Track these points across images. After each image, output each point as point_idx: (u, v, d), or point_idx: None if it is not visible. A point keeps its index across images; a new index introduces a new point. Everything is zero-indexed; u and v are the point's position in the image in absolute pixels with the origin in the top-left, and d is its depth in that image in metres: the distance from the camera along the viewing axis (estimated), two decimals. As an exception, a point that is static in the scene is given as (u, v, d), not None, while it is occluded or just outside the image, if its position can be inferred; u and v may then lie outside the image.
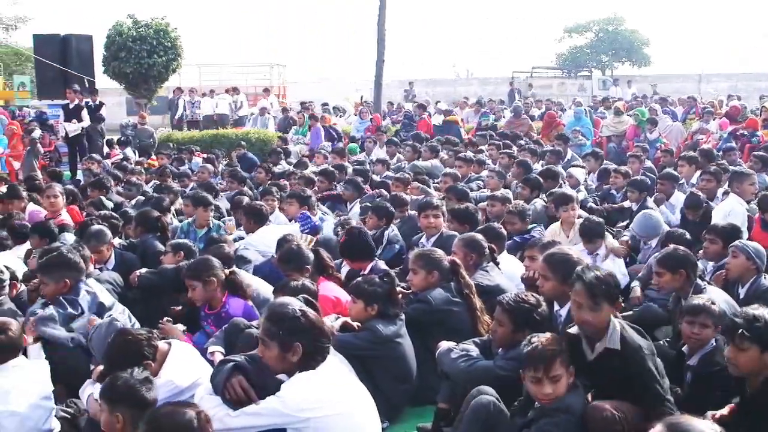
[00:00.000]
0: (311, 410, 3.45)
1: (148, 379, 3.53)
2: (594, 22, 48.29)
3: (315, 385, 3.52)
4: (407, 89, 31.30)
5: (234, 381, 3.62)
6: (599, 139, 16.60)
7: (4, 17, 44.67)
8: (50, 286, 5.24)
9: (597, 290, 3.80)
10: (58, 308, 5.11)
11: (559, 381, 3.64)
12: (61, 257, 5.32)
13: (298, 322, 3.57)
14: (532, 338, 3.76)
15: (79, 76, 19.18)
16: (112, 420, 3.40)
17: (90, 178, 11.50)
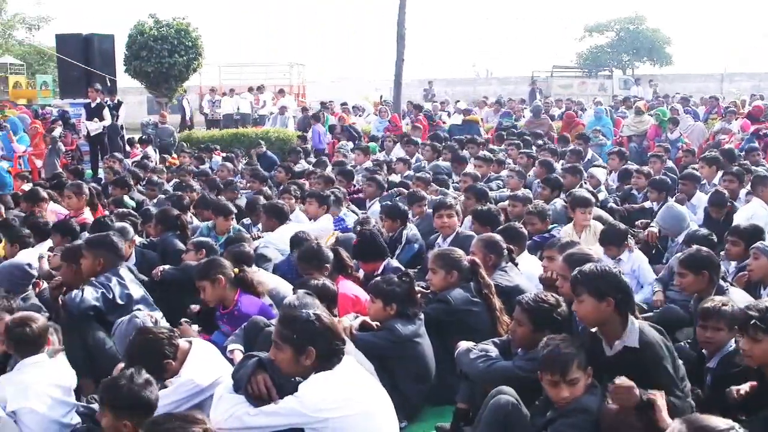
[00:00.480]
0: (329, 410, 3.45)
1: (149, 381, 3.53)
2: (615, 21, 47.97)
3: (332, 386, 3.52)
4: (427, 88, 31.28)
5: (258, 378, 3.63)
6: (620, 139, 16.50)
7: (27, 17, 45.12)
8: (87, 260, 5.40)
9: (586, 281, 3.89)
10: (91, 288, 5.20)
11: (577, 384, 3.64)
12: (106, 237, 5.53)
13: (311, 326, 3.55)
14: (549, 340, 3.76)
15: (101, 76, 19.32)
16: (118, 427, 3.40)
17: (111, 177, 11.57)
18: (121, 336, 4.62)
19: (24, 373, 4.18)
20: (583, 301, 3.88)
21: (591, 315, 3.88)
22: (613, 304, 3.81)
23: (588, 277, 3.88)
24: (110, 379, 3.61)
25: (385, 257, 6.29)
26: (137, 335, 4.07)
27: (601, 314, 3.84)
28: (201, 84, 27.62)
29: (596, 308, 3.83)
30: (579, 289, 3.90)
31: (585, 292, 3.86)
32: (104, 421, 3.46)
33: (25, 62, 36.53)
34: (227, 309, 5.23)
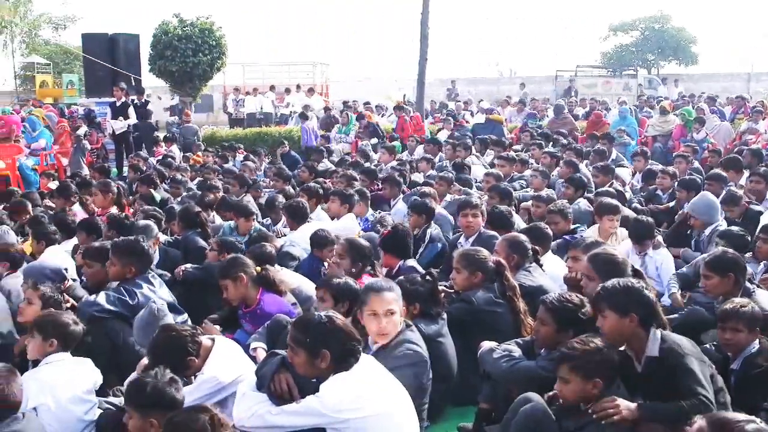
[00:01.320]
0: (350, 411, 3.47)
1: (174, 379, 3.56)
2: (640, 20, 47.56)
3: (351, 386, 3.52)
4: (450, 88, 31.24)
5: (281, 377, 3.64)
6: (644, 139, 16.37)
7: (53, 17, 45.64)
8: (116, 267, 5.39)
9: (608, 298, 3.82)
10: (111, 293, 5.21)
11: (568, 383, 3.63)
12: (135, 243, 5.48)
13: (323, 328, 3.57)
14: (577, 339, 3.73)
15: (126, 75, 19.51)
16: (145, 426, 3.42)
17: (135, 175, 11.66)
18: (139, 325, 4.63)
19: (47, 371, 4.24)
20: (606, 317, 3.82)
21: (614, 331, 3.80)
22: (636, 320, 3.76)
23: (610, 293, 3.83)
24: (135, 380, 3.65)
25: (406, 258, 6.30)
26: (161, 332, 4.09)
27: (625, 330, 3.78)
28: (225, 83, 27.74)
29: (619, 324, 3.78)
30: (601, 305, 3.85)
31: (607, 307, 3.81)
32: (131, 423, 3.48)
33: (52, 61, 36.95)
34: (250, 308, 5.25)
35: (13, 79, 41.21)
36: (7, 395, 3.48)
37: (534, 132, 15.75)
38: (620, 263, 4.57)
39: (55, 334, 4.36)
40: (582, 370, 3.60)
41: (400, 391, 3.80)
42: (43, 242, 7.04)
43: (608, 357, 3.65)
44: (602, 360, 3.63)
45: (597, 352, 3.64)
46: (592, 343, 3.67)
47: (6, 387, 3.48)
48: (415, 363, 4.07)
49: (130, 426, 3.51)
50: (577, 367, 3.61)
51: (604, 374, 3.63)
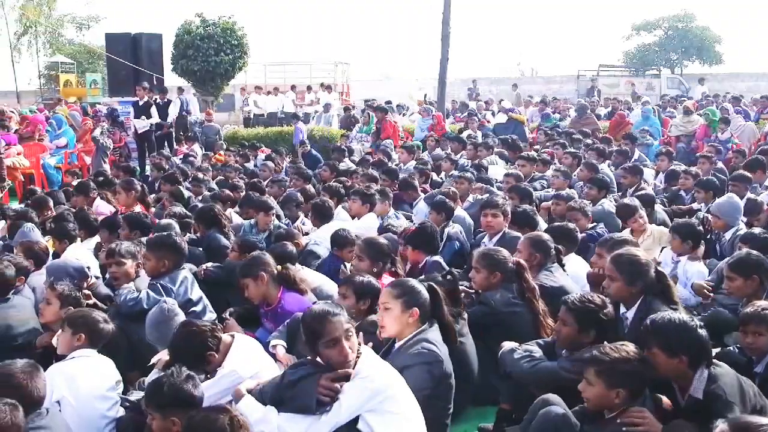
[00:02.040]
0: (389, 386, 3.58)
1: (191, 376, 3.57)
2: (663, 19, 47.17)
3: (382, 365, 3.66)
4: (471, 87, 31.16)
5: (322, 383, 3.61)
6: (668, 139, 16.24)
7: (77, 17, 46.07)
8: (151, 262, 5.47)
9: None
10: (151, 293, 5.28)
11: (592, 386, 3.58)
12: (168, 238, 5.58)
13: None
14: (611, 345, 3.67)
15: (149, 74, 19.64)
16: (166, 425, 3.44)
17: (158, 174, 11.73)
18: (151, 323, 4.66)
19: (72, 365, 4.29)
20: (653, 354, 3.63)
21: (661, 368, 3.64)
22: (686, 361, 3.58)
23: (660, 330, 3.65)
24: (153, 380, 3.67)
25: (434, 254, 6.30)
26: (181, 328, 4.12)
27: (673, 370, 3.63)
28: (246, 82, 27.85)
29: (667, 363, 3.61)
30: (650, 341, 3.65)
31: (656, 345, 3.62)
32: (154, 424, 3.50)
33: (76, 61, 37.22)
34: (270, 306, 5.27)
35: (37, 78, 41.69)
36: (31, 391, 3.50)
37: (547, 131, 15.69)
38: (643, 264, 4.52)
39: (84, 329, 4.43)
40: (607, 377, 3.53)
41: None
42: (66, 240, 7.10)
43: (637, 370, 3.54)
44: (630, 372, 3.53)
45: (626, 362, 3.54)
46: (625, 352, 3.58)
47: (29, 383, 3.51)
48: (429, 362, 4.04)
49: (153, 427, 3.53)
50: (603, 373, 3.54)
51: (629, 386, 3.53)
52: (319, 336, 3.60)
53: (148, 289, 5.36)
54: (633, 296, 4.48)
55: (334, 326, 3.58)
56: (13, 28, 42.68)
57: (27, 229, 7.26)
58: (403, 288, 4.21)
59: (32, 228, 7.34)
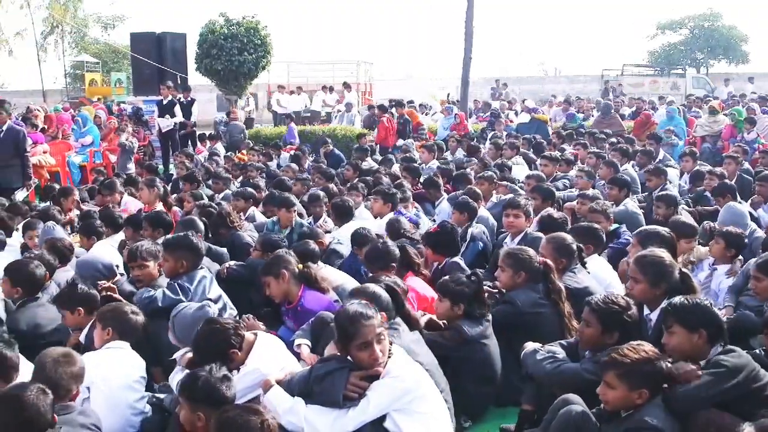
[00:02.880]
0: (419, 386, 3.61)
1: (226, 376, 3.60)
2: (689, 18, 46.74)
3: (411, 365, 3.66)
4: (494, 87, 31.06)
5: (352, 380, 3.65)
6: (693, 139, 16.10)
7: (103, 16, 46.52)
8: (169, 263, 5.49)
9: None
10: (167, 292, 5.32)
11: (613, 389, 3.56)
12: (185, 239, 5.57)
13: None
14: (628, 346, 3.66)
15: (173, 73, 19.75)
16: (193, 418, 3.48)
17: (183, 173, 11.81)
18: (188, 322, 4.68)
19: (102, 354, 4.38)
20: (674, 332, 3.79)
21: (681, 346, 3.76)
22: (705, 336, 3.73)
23: (679, 309, 3.80)
24: (190, 373, 3.71)
25: (454, 254, 6.29)
26: (204, 326, 4.15)
27: (693, 346, 3.75)
28: (269, 81, 27.95)
29: (688, 339, 3.75)
30: (670, 320, 3.82)
31: (676, 323, 3.78)
32: (182, 414, 3.55)
33: (101, 60, 37.60)
34: (291, 305, 5.28)
35: (63, 77, 42.12)
36: (56, 381, 3.60)
37: (560, 132, 15.61)
38: (668, 265, 4.49)
39: (111, 323, 4.52)
40: (629, 379, 3.53)
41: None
42: (93, 237, 7.18)
43: (657, 368, 3.57)
44: (651, 371, 3.55)
45: (647, 362, 3.56)
46: (644, 352, 3.59)
47: (53, 373, 3.63)
48: None
49: (180, 416, 3.59)
50: (625, 375, 3.54)
51: (651, 385, 3.55)
52: (352, 338, 3.64)
53: (165, 288, 5.39)
54: (657, 298, 4.45)
55: (367, 330, 3.62)
56: (39, 28, 43.21)
57: (49, 227, 7.33)
58: (365, 296, 4.22)
59: (53, 226, 7.41)
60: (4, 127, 10.56)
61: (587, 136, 14.98)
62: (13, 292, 5.38)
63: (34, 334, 5.07)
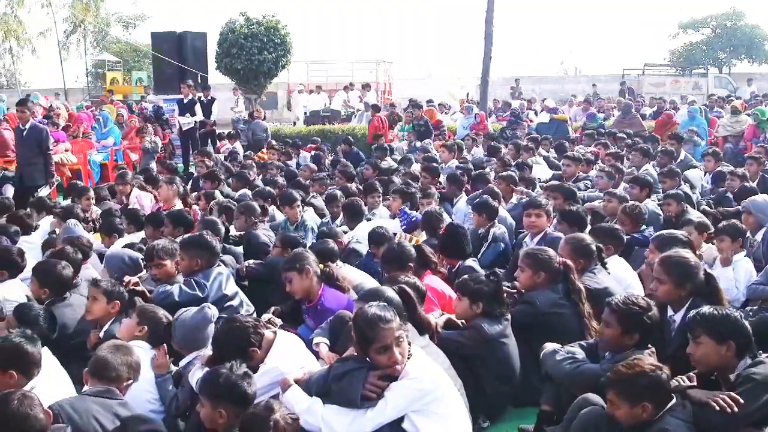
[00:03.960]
0: (436, 386, 3.60)
1: (247, 374, 3.61)
2: (711, 17, 46.31)
3: (431, 365, 3.65)
4: (513, 86, 30.95)
5: (370, 380, 3.65)
6: (714, 140, 15.96)
7: (124, 15, 46.92)
8: (185, 261, 5.56)
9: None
10: (184, 287, 5.37)
11: (619, 408, 3.51)
12: (200, 238, 5.64)
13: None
14: (623, 363, 3.63)
15: (193, 72, 19.86)
16: (214, 415, 3.49)
17: (204, 171, 11.85)
18: (188, 323, 4.69)
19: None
20: (701, 343, 3.68)
21: (708, 357, 3.67)
22: (733, 348, 3.63)
23: (708, 319, 3.69)
24: (210, 371, 3.73)
25: (464, 258, 6.26)
26: (224, 324, 4.17)
27: (720, 358, 3.66)
28: (289, 81, 28.01)
29: (715, 351, 3.65)
30: (698, 331, 3.71)
31: (704, 333, 3.67)
32: (203, 411, 3.57)
33: (122, 59, 37.87)
34: (312, 303, 5.29)
35: (85, 76, 42.49)
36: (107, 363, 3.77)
37: (598, 131, 15.50)
38: (692, 266, 4.46)
39: (148, 323, 4.59)
40: (628, 396, 3.49)
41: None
42: (114, 235, 7.22)
43: (655, 379, 3.49)
44: (649, 383, 3.48)
45: (642, 376, 3.49)
46: (638, 366, 3.53)
47: (109, 356, 3.80)
48: None
49: (201, 414, 3.60)
50: (623, 393, 3.50)
51: (653, 397, 3.48)
52: (371, 342, 3.63)
53: (181, 284, 5.44)
54: (681, 299, 4.43)
55: (386, 333, 3.60)
56: (62, 27, 43.63)
57: (72, 225, 7.39)
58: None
59: (75, 224, 7.47)
60: (28, 125, 10.66)
61: (608, 136, 14.88)
62: (41, 292, 5.42)
63: (62, 333, 5.09)
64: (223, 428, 3.49)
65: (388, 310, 3.71)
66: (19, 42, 44.99)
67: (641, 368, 3.51)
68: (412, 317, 4.35)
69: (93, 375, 3.80)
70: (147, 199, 9.85)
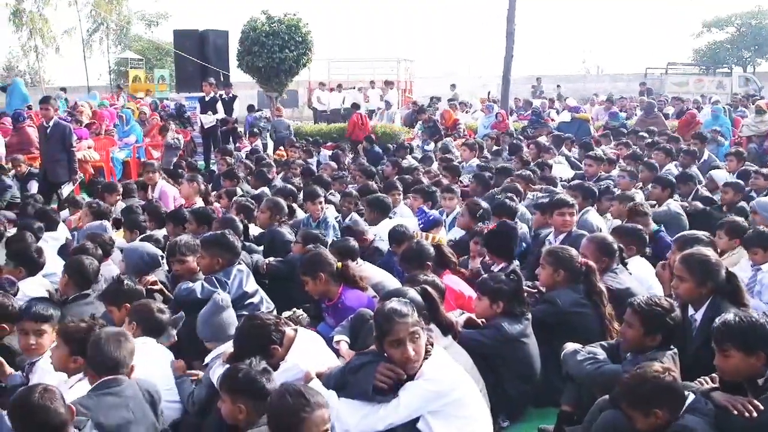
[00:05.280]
0: (453, 389, 3.57)
1: (266, 369, 3.62)
2: (736, 16, 45.92)
3: (449, 366, 3.64)
4: (535, 85, 30.81)
5: (381, 369, 3.65)
6: (738, 140, 15.79)
7: (147, 14, 47.29)
8: (205, 260, 5.58)
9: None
10: (206, 284, 5.39)
11: (634, 420, 3.47)
12: (222, 237, 5.64)
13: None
14: (631, 373, 3.59)
15: (215, 70, 19.92)
16: (234, 410, 3.51)
17: (225, 169, 11.91)
18: (204, 318, 4.72)
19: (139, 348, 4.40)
20: (729, 356, 3.52)
21: (738, 369, 3.53)
22: (763, 358, 3.48)
23: (735, 331, 3.52)
24: (230, 367, 3.76)
25: (511, 260, 6.12)
26: (245, 321, 4.18)
27: (751, 370, 3.52)
28: (310, 78, 28.04)
29: (745, 363, 3.50)
30: (725, 344, 3.53)
31: (733, 347, 3.51)
32: (224, 406, 3.59)
33: (144, 57, 38.09)
34: (332, 301, 5.30)
35: (107, 73, 42.84)
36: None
37: (620, 131, 15.40)
38: (714, 264, 4.42)
39: (135, 318, 4.60)
40: (637, 405, 3.46)
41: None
42: (136, 231, 7.27)
43: (659, 384, 3.43)
44: (653, 389, 3.43)
45: (644, 383, 3.45)
46: (640, 375, 3.49)
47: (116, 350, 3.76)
48: None
49: (222, 410, 3.63)
50: (633, 404, 3.47)
51: (662, 403, 3.43)
52: (386, 334, 3.63)
53: (203, 281, 5.46)
54: (702, 297, 4.40)
55: (400, 327, 3.60)
56: (85, 25, 44.03)
57: (99, 225, 7.45)
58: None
59: (107, 225, 7.54)
60: (51, 122, 10.76)
61: (631, 135, 14.78)
62: (67, 288, 5.45)
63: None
64: (243, 423, 3.50)
65: (406, 305, 3.71)
66: (44, 40, 45.49)
67: (643, 376, 3.47)
68: (434, 317, 4.34)
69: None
70: (171, 193, 9.90)
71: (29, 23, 44.34)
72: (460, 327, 4.64)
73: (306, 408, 3.13)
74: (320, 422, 3.15)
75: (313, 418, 3.13)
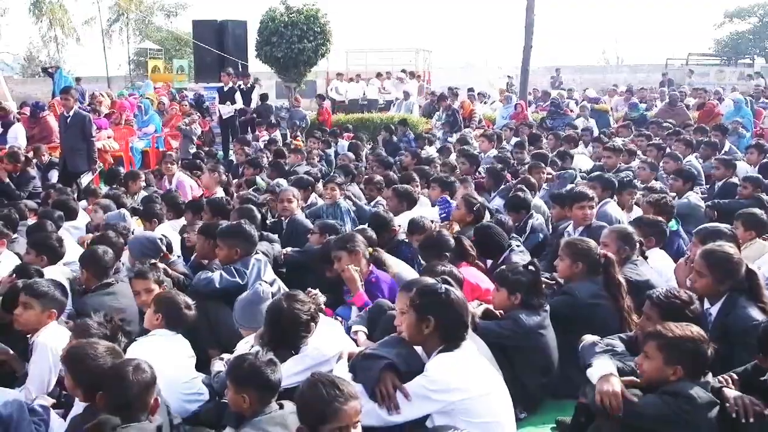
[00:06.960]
0: (459, 391, 3.47)
1: (272, 360, 3.61)
2: (758, 6, 45.40)
3: (458, 366, 3.54)
4: (554, 76, 30.61)
5: (386, 378, 3.58)
6: (760, 131, 15.63)
7: (166, 4, 47.47)
8: (223, 251, 5.63)
9: None
10: (224, 274, 5.45)
11: (650, 360, 3.53)
12: (239, 228, 5.69)
13: (438, 298, 3.60)
14: (676, 324, 3.59)
15: (234, 60, 19.96)
16: (238, 399, 3.51)
17: (243, 159, 11.96)
18: (242, 305, 4.74)
19: (144, 342, 4.47)
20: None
21: None
22: None
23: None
24: (237, 356, 3.78)
25: (501, 252, 6.14)
26: (286, 299, 4.20)
27: None
28: (328, 69, 28.03)
29: None
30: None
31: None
32: (229, 395, 3.60)
33: (163, 47, 38.24)
34: None
35: (127, 64, 43.06)
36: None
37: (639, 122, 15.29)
38: (735, 262, 4.37)
39: (162, 311, 4.60)
40: (668, 352, 3.49)
41: (498, 379, 3.78)
42: (154, 220, 7.32)
43: (700, 350, 3.48)
44: (692, 350, 3.48)
45: (689, 341, 3.49)
46: (689, 332, 3.52)
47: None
48: None
49: (227, 397, 3.65)
50: (664, 347, 3.50)
51: (689, 365, 3.48)
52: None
53: (221, 271, 5.50)
54: (720, 293, 4.36)
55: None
56: (105, 16, 44.25)
57: (119, 215, 7.50)
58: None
59: (125, 214, 7.59)
60: (71, 113, 10.83)
61: (653, 125, 14.66)
62: (87, 279, 5.47)
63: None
64: (247, 412, 3.51)
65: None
66: (64, 30, 45.79)
67: (692, 334, 3.50)
68: None
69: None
70: (188, 183, 9.95)
71: (49, 13, 44.65)
72: (477, 318, 4.63)
73: (339, 398, 3.07)
74: (353, 413, 3.09)
75: (347, 409, 3.06)
